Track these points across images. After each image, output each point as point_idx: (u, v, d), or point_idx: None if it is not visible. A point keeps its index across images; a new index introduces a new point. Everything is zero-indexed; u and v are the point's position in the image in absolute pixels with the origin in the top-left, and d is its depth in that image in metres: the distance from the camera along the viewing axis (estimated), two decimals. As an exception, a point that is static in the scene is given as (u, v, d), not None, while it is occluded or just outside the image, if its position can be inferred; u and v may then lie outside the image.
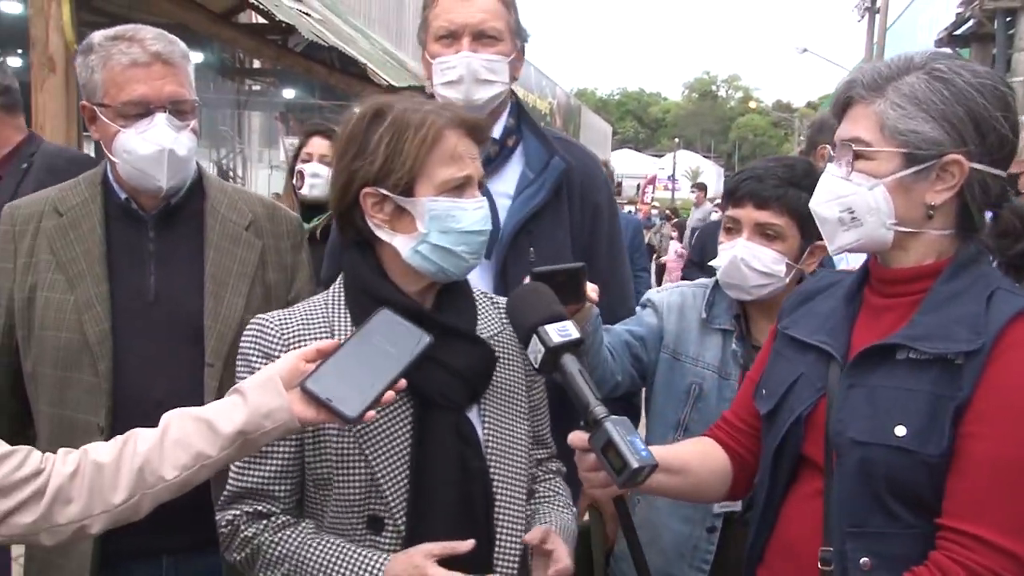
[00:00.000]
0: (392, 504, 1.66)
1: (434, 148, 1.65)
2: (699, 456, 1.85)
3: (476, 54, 2.33)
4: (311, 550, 1.65)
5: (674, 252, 14.44)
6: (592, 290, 1.98)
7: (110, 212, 2.17)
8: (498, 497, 1.73)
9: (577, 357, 1.61)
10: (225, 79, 13.30)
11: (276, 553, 1.66)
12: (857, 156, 1.60)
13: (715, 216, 11.06)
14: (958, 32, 14.22)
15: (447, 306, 1.75)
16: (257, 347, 1.69)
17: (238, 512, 1.69)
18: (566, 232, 2.42)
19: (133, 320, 2.07)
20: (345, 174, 1.69)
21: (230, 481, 1.70)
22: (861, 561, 1.54)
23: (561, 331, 1.61)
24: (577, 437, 1.61)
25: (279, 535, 1.68)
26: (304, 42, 9.98)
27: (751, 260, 2.22)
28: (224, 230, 2.17)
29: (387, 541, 1.66)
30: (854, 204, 1.61)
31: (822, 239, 2.26)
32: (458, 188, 1.68)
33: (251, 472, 1.69)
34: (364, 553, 1.64)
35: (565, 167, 2.43)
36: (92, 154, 4.85)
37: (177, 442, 1.46)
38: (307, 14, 10.15)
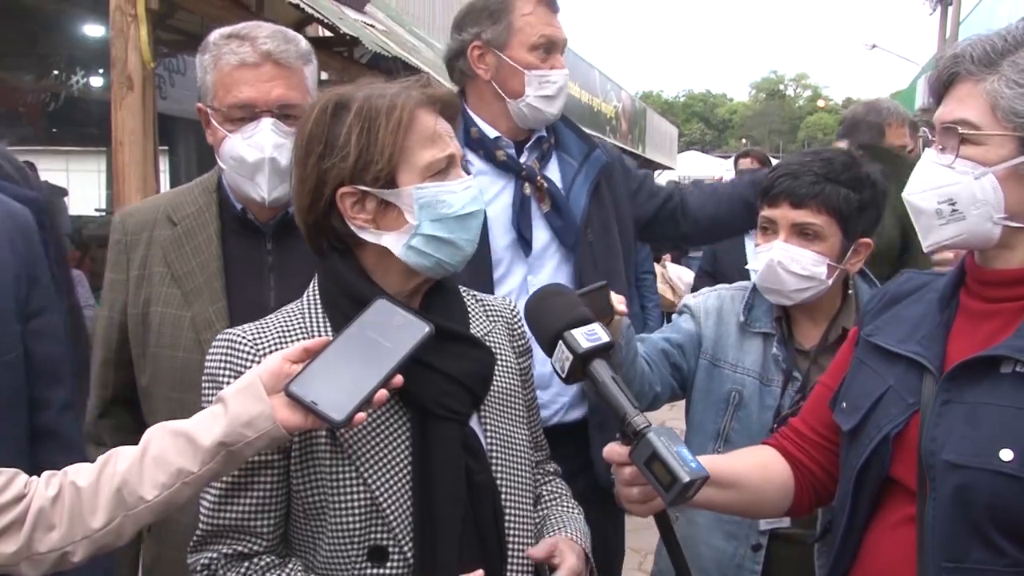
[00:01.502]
0: (397, 530, 1.50)
1: (410, 131, 1.51)
2: (756, 468, 1.72)
3: (564, 70, 2.51)
4: None
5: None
6: (619, 302, 1.93)
7: (225, 222, 2.07)
8: (507, 510, 1.60)
9: (608, 363, 1.48)
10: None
11: None
12: (963, 140, 1.43)
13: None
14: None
15: (437, 308, 1.60)
16: (228, 365, 1.52)
17: (214, 555, 1.51)
18: (613, 220, 2.57)
19: None
20: (313, 177, 1.53)
21: (204, 517, 1.52)
22: None
23: (589, 335, 1.48)
24: (613, 451, 1.47)
25: None
26: (369, 53, 10.15)
27: (789, 263, 2.11)
28: None
29: (392, 574, 1.50)
30: (956, 195, 1.44)
31: (866, 236, 2.14)
32: (442, 171, 1.55)
33: (228, 506, 1.50)
34: None
35: (608, 161, 2.58)
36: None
37: (156, 459, 1.35)
38: (371, 25, 10.32)
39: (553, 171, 2.58)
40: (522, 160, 2.55)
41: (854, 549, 1.59)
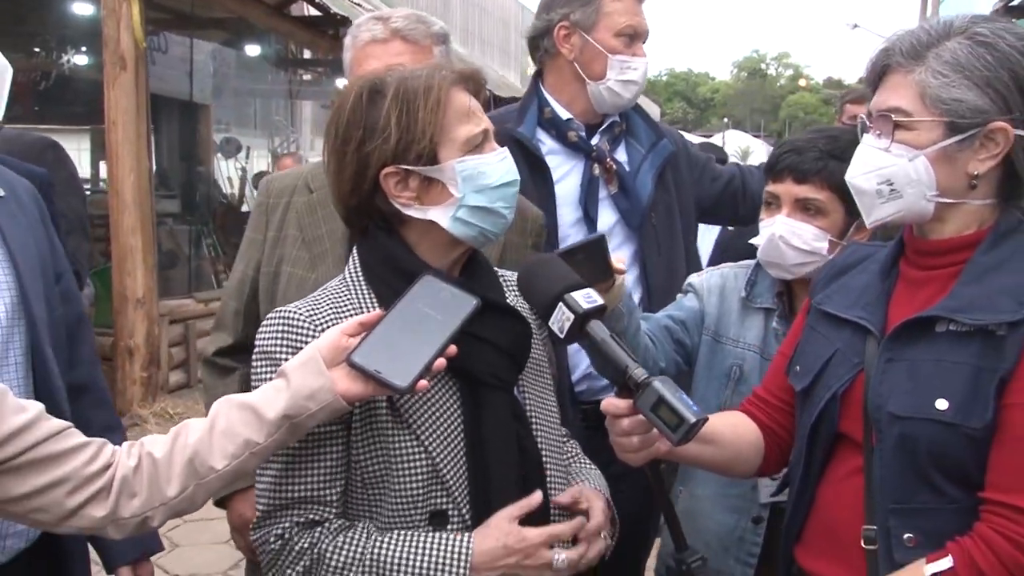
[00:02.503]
0: (456, 494, 1.57)
1: (448, 109, 1.56)
2: (731, 428, 1.81)
3: (645, 59, 2.60)
4: (383, 547, 1.54)
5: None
6: (618, 261, 1.93)
7: None
8: (548, 470, 1.68)
9: (603, 324, 1.55)
10: (279, 69, 13.62)
11: (341, 558, 1.53)
12: (897, 126, 1.54)
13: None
14: (1015, 3, 13.98)
15: (475, 280, 1.64)
16: (284, 342, 1.55)
17: (287, 524, 1.55)
18: (676, 205, 2.66)
19: None
20: (355, 161, 1.57)
21: (270, 494, 1.57)
22: (905, 537, 1.50)
23: (587, 297, 1.54)
24: (612, 403, 1.53)
25: (340, 539, 1.55)
26: (353, 31, 10.22)
27: (790, 237, 2.11)
28: None
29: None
30: (894, 176, 1.55)
31: None
32: (479, 145, 1.60)
33: (295, 480, 1.56)
34: (444, 537, 1.54)
35: (674, 151, 2.66)
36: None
37: (224, 432, 1.43)
38: (359, 5, 10.38)
39: (621, 156, 2.65)
40: (593, 142, 2.62)
41: (810, 500, 1.69)
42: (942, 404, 1.46)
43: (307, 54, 13.68)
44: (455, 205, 1.58)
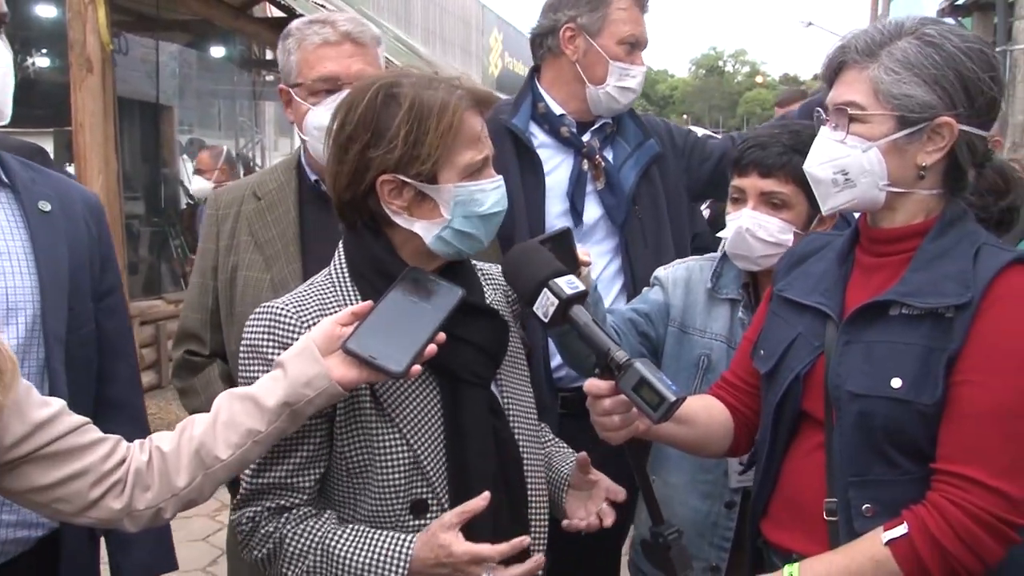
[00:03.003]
0: (436, 484, 1.62)
1: (458, 134, 1.58)
2: (704, 409, 1.87)
3: (643, 67, 2.67)
4: (335, 539, 1.59)
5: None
6: (583, 254, 1.94)
7: (303, 194, 2.27)
8: (526, 460, 1.73)
9: (584, 309, 1.60)
10: (243, 71, 13.53)
11: (300, 545, 1.60)
12: (852, 119, 1.62)
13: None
14: (959, 2, 14.26)
15: (457, 281, 1.66)
16: (273, 337, 1.59)
17: (259, 508, 1.61)
18: (662, 196, 2.73)
19: None
20: (357, 161, 1.59)
21: (248, 478, 1.62)
22: (864, 508, 1.58)
23: (570, 283, 1.59)
24: (594, 384, 1.59)
25: (302, 526, 1.61)
26: (320, 34, 10.20)
27: (756, 230, 2.15)
28: None
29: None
30: (848, 166, 1.63)
31: None
32: (477, 171, 1.62)
33: (273, 467, 1.60)
34: (389, 537, 1.58)
35: (659, 152, 2.73)
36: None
37: (227, 423, 1.47)
38: (323, 6, 10.37)
39: (607, 152, 2.73)
40: (585, 139, 2.69)
41: (775, 476, 1.77)
42: (896, 382, 1.54)
43: (269, 55, 13.62)
44: (441, 225, 1.61)
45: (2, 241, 1.75)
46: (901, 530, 1.51)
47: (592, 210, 2.67)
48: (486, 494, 1.58)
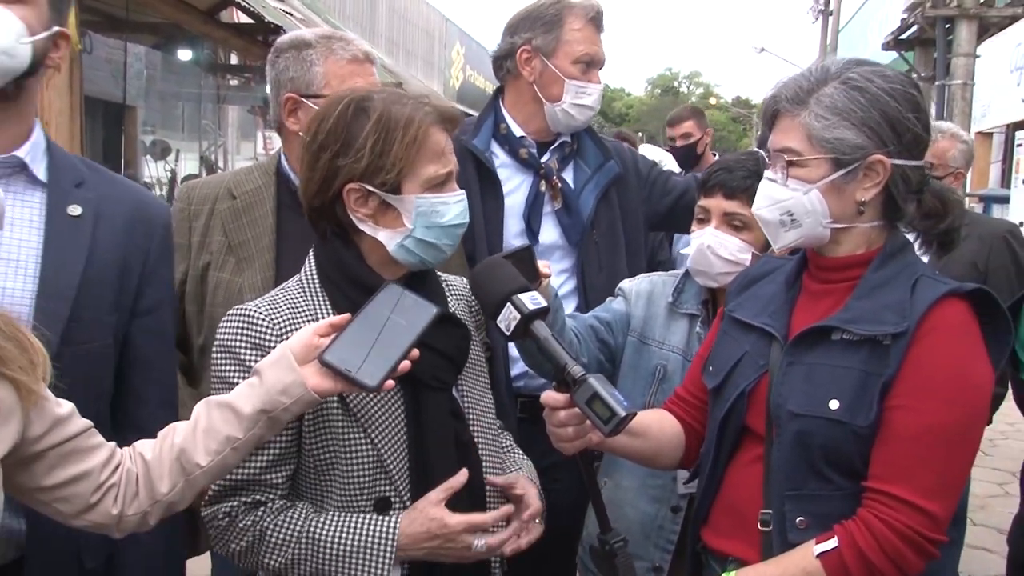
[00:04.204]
0: (399, 483, 1.65)
1: (422, 148, 1.63)
2: (657, 423, 1.91)
3: (600, 85, 2.72)
4: (318, 526, 1.62)
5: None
6: (544, 266, 1.98)
7: (281, 200, 2.25)
8: (485, 463, 1.76)
9: (545, 324, 1.65)
10: (208, 74, 13.42)
11: (281, 535, 1.62)
12: (790, 164, 1.67)
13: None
14: (903, 37, 14.59)
15: (422, 290, 1.68)
16: (245, 338, 1.63)
17: (234, 503, 1.63)
18: (619, 222, 2.76)
19: None
20: (326, 169, 1.63)
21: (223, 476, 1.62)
22: (798, 520, 1.62)
23: (533, 299, 1.63)
24: (551, 396, 1.63)
25: (280, 517, 1.63)
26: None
27: (718, 248, 2.22)
28: None
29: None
30: (792, 208, 1.67)
31: None
32: (440, 184, 1.67)
33: (244, 465, 1.61)
34: (374, 519, 1.62)
35: (620, 173, 2.77)
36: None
37: (206, 431, 1.48)
38: (290, 13, 10.34)
39: (567, 174, 2.77)
40: (543, 160, 2.73)
41: (717, 485, 1.81)
42: (834, 404, 1.59)
43: (235, 60, 13.51)
44: (404, 234, 1.66)
45: (14, 242, 1.66)
46: (832, 544, 1.56)
47: (549, 230, 2.71)
48: (464, 471, 1.65)
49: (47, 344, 1.57)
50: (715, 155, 6.01)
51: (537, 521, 1.78)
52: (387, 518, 1.62)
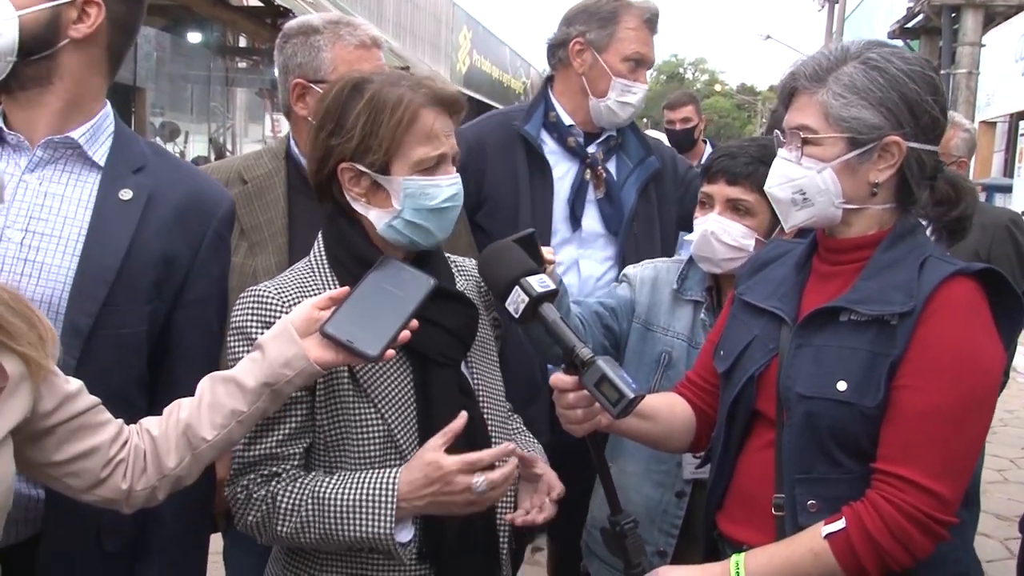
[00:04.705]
0: (409, 456, 1.65)
1: (410, 128, 1.63)
2: (667, 407, 1.90)
3: (645, 85, 2.75)
4: (323, 485, 1.63)
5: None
6: (548, 252, 1.98)
7: (292, 184, 2.25)
8: (493, 439, 1.76)
9: (554, 307, 1.64)
10: (217, 57, 13.41)
11: (292, 500, 1.63)
12: (805, 142, 1.65)
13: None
14: (909, 25, 14.52)
15: (427, 268, 1.70)
16: (256, 317, 1.64)
17: (252, 476, 1.65)
18: (656, 217, 2.81)
19: None
20: (322, 148, 1.67)
21: (238, 454, 1.65)
22: (808, 504, 1.61)
23: (541, 282, 1.63)
24: (559, 379, 1.62)
25: (292, 484, 1.64)
26: (290, 21, 10.17)
27: (721, 234, 2.21)
28: None
29: None
30: (805, 186, 1.66)
31: None
32: (432, 167, 1.66)
33: (261, 440, 1.64)
34: (377, 473, 1.62)
35: (659, 168, 2.80)
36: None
37: (211, 405, 1.49)
38: (298, -4, 10.31)
39: (611, 166, 2.80)
40: (590, 150, 2.76)
41: (729, 470, 1.80)
42: (842, 385, 1.58)
43: (243, 42, 13.48)
44: (392, 215, 1.66)
45: (62, 221, 1.64)
46: (839, 525, 1.55)
47: (591, 217, 2.75)
48: (464, 413, 1.63)
49: (77, 328, 1.60)
50: (706, 142, 6.00)
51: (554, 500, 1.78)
52: (388, 471, 1.62)
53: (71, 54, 1.65)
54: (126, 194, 1.69)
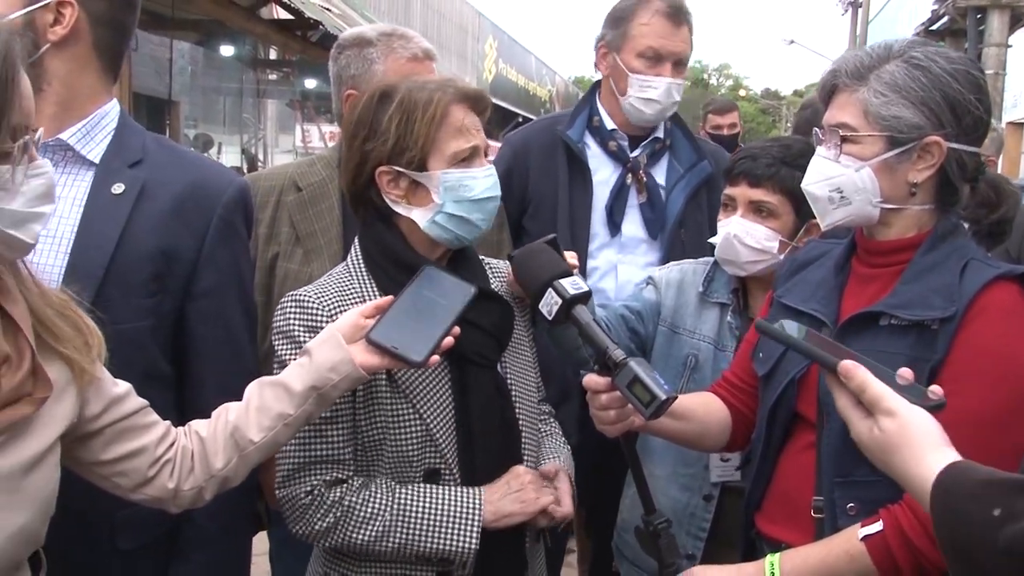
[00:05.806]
0: (447, 455, 1.69)
1: (443, 124, 1.66)
2: (702, 406, 1.89)
3: (675, 80, 2.69)
4: (404, 498, 1.66)
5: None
6: (571, 257, 1.92)
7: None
8: (524, 440, 1.79)
9: (587, 308, 1.64)
10: (249, 69, 13.54)
11: (368, 511, 1.65)
12: (844, 140, 1.63)
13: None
14: (934, 27, 14.35)
15: (463, 270, 1.74)
16: (300, 321, 1.67)
17: (316, 482, 1.65)
18: (707, 224, 2.70)
19: None
20: (358, 155, 1.69)
21: (293, 455, 1.66)
22: (848, 507, 1.60)
23: (574, 284, 1.63)
24: (592, 380, 1.62)
25: (364, 493, 1.66)
26: (319, 33, 10.24)
27: (744, 236, 2.18)
28: None
29: None
30: (843, 185, 1.64)
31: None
32: (467, 159, 1.69)
33: (318, 442, 1.66)
34: (458, 489, 1.67)
35: (712, 173, 2.74)
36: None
37: (259, 408, 1.51)
38: (328, 9, 10.39)
39: (660, 172, 2.78)
40: (633, 154, 2.75)
41: (769, 473, 1.78)
42: None
43: (273, 54, 13.59)
44: (435, 210, 1.68)
45: (56, 220, 1.60)
46: (876, 527, 1.53)
47: (632, 222, 2.73)
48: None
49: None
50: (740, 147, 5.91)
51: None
52: (471, 488, 1.68)
53: (54, 57, 1.61)
54: (118, 188, 1.65)
